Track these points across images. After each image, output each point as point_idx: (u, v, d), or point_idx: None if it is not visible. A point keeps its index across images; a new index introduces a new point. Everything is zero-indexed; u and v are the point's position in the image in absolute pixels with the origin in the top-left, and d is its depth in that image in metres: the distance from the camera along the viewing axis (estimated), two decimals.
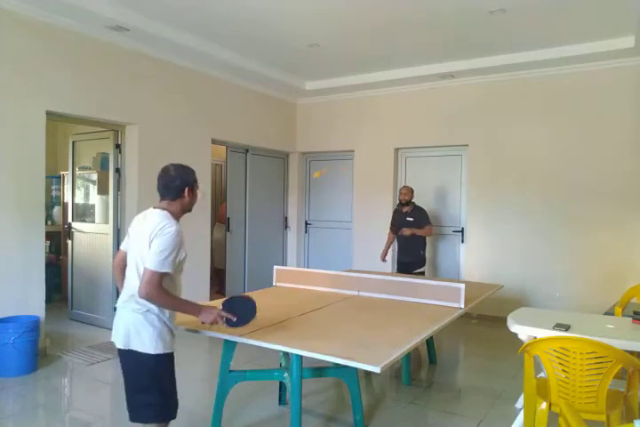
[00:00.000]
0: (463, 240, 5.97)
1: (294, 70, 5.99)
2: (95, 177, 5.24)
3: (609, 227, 5.04)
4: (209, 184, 5.68)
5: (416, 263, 5.25)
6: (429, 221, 5.32)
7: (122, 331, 2.12)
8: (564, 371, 2.26)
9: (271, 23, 4.44)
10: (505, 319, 2.87)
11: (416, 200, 5.39)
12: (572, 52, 4.85)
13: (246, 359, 3.89)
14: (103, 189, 5.08)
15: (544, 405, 2.35)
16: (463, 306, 3.12)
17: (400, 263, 5.42)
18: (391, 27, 4.47)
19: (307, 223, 7.25)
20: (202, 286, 5.53)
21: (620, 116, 5.00)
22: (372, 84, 6.14)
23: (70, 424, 3.08)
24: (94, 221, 5.22)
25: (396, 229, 5.41)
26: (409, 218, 5.27)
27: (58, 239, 6.22)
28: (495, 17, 4.18)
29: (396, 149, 6.38)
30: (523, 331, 2.68)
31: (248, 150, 6.42)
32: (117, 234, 4.92)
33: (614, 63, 4.98)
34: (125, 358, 2.16)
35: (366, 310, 3.11)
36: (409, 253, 5.29)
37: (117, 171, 4.92)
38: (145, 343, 2.08)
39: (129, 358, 2.14)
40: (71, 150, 5.43)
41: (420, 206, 5.38)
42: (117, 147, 4.91)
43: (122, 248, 2.33)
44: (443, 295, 3.22)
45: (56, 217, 6.41)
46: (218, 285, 6.60)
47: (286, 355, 2.92)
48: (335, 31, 4.61)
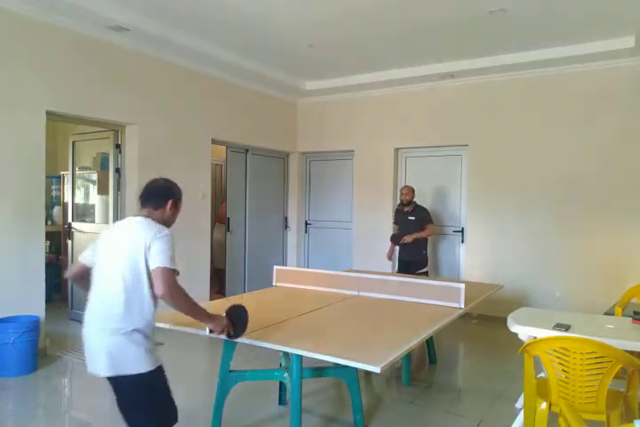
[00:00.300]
0: (463, 240, 5.97)
1: (294, 70, 5.99)
2: (95, 177, 5.24)
3: (609, 227, 5.04)
4: (209, 184, 5.68)
5: (419, 263, 5.25)
6: (431, 220, 5.34)
7: (104, 358, 1.93)
8: (564, 371, 2.26)
9: (271, 23, 4.44)
10: (505, 319, 2.87)
11: (417, 200, 5.40)
12: (572, 52, 4.85)
13: (246, 359, 3.89)
14: (103, 189, 5.08)
15: (544, 405, 2.35)
16: (463, 306, 3.12)
17: (402, 262, 5.41)
18: (391, 27, 4.47)
19: (307, 223, 7.25)
20: (202, 286, 5.52)
21: (620, 117, 5.00)
22: (372, 84, 6.14)
23: (70, 424, 3.08)
24: (94, 221, 5.22)
25: (398, 232, 5.40)
26: (410, 217, 5.28)
27: (58, 239, 6.22)
28: (495, 17, 4.18)
29: (396, 149, 6.38)
30: (523, 331, 2.68)
31: (248, 150, 6.42)
32: None
33: (614, 63, 4.98)
34: (117, 383, 2.02)
35: (366, 310, 3.11)
36: (411, 253, 5.30)
37: (117, 171, 4.92)
38: (136, 364, 1.95)
39: (121, 383, 1.99)
40: (71, 150, 5.43)
41: (422, 206, 5.39)
42: (117, 147, 4.91)
43: (84, 261, 2.12)
44: (443, 295, 3.22)
45: (56, 217, 6.41)
46: (218, 285, 6.60)
47: (286, 355, 2.92)
48: (335, 31, 4.60)
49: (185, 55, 5.06)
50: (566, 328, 2.55)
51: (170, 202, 2.13)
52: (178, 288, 1.95)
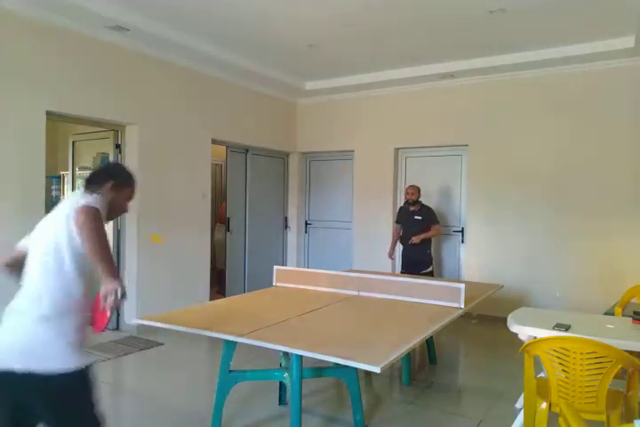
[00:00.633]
0: (463, 240, 5.97)
1: (294, 70, 5.99)
2: None
3: (609, 227, 5.04)
4: (209, 184, 5.68)
5: (423, 263, 5.23)
6: (437, 220, 5.34)
7: (16, 345, 1.60)
8: (564, 371, 2.26)
9: (271, 23, 4.44)
10: (505, 319, 2.87)
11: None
12: (571, 52, 4.85)
13: (246, 359, 3.88)
14: None
15: (544, 405, 2.35)
16: (463, 306, 3.12)
17: (406, 262, 5.37)
18: (391, 27, 4.46)
19: (307, 223, 7.25)
20: (202, 286, 5.53)
21: (620, 117, 5.00)
22: (372, 84, 6.14)
23: None
24: None
25: (403, 231, 5.38)
26: (417, 217, 5.25)
27: None
28: (495, 17, 4.18)
29: (396, 149, 6.38)
30: (523, 331, 2.68)
31: (248, 150, 6.42)
32: (117, 234, 4.92)
33: (614, 63, 4.98)
34: (24, 387, 1.58)
35: (366, 310, 3.11)
36: (416, 253, 5.27)
37: None
38: (57, 358, 1.59)
39: (32, 386, 1.58)
40: (71, 150, 5.43)
41: (428, 205, 5.37)
42: (117, 147, 4.91)
43: (18, 248, 1.86)
44: (443, 295, 3.21)
45: None
46: (218, 285, 6.61)
47: (286, 355, 2.92)
48: (335, 32, 4.60)
49: (185, 55, 5.06)
50: (566, 328, 2.55)
51: (109, 184, 1.86)
52: (98, 222, 1.63)
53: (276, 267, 3.90)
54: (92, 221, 1.61)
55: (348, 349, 2.23)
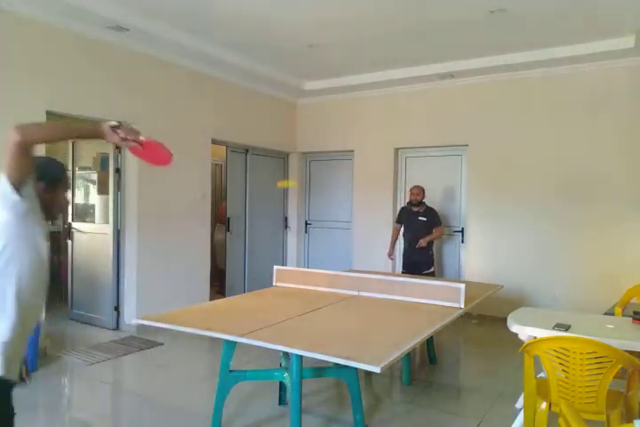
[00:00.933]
0: (463, 240, 5.97)
1: (294, 70, 5.99)
2: (95, 177, 5.24)
3: (609, 227, 5.04)
4: (209, 184, 5.68)
5: (425, 264, 5.20)
6: (440, 221, 5.33)
7: None
8: (564, 371, 2.26)
9: (271, 23, 4.44)
10: (505, 319, 2.87)
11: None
12: (572, 52, 4.85)
13: (246, 359, 3.89)
14: (103, 189, 5.08)
15: (544, 405, 2.35)
16: (463, 306, 3.12)
17: (408, 263, 5.32)
18: (391, 27, 4.46)
19: (307, 223, 7.25)
20: (202, 286, 5.53)
21: (620, 117, 5.00)
22: (372, 84, 6.14)
23: (70, 424, 3.08)
24: (94, 222, 5.22)
25: (406, 232, 5.34)
26: (421, 218, 5.22)
27: (58, 239, 6.21)
28: (495, 17, 4.18)
29: (396, 149, 6.38)
30: (523, 331, 2.68)
31: (248, 150, 6.42)
32: (117, 234, 4.92)
33: (614, 63, 4.98)
34: None
35: (366, 310, 3.11)
36: (418, 254, 5.23)
37: (117, 171, 4.91)
38: None
39: None
40: (71, 150, 5.43)
41: (431, 206, 5.35)
42: (117, 147, 4.91)
43: None
44: (443, 295, 3.21)
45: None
46: (219, 285, 6.61)
47: (286, 355, 2.92)
48: (335, 31, 4.60)
49: (185, 55, 5.06)
50: (566, 328, 2.55)
51: (42, 185, 1.67)
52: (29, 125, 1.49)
53: (275, 267, 3.90)
54: (26, 129, 1.46)
55: (348, 349, 2.23)
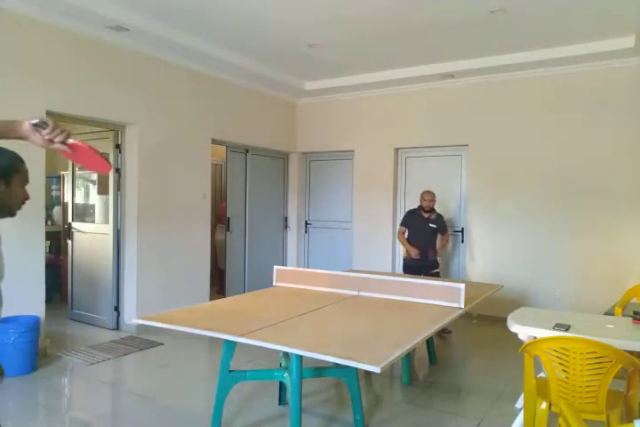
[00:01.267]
0: (463, 240, 5.97)
1: (294, 70, 5.99)
2: (95, 177, 5.24)
3: (609, 227, 5.04)
4: (209, 184, 5.68)
5: (431, 265, 5.11)
6: (447, 228, 5.33)
7: None
8: (564, 371, 2.26)
9: (271, 23, 4.44)
10: (505, 319, 2.87)
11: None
12: (571, 52, 4.85)
13: (246, 359, 3.89)
14: (103, 189, 5.09)
15: (544, 405, 2.35)
16: (463, 306, 3.12)
17: (413, 266, 5.09)
18: (391, 27, 4.46)
19: (307, 223, 7.25)
20: (202, 286, 5.53)
21: (620, 117, 5.00)
22: (372, 85, 6.14)
23: (70, 424, 3.08)
24: (94, 221, 5.22)
25: (413, 237, 5.17)
26: (432, 224, 5.14)
27: (58, 239, 6.22)
28: (495, 17, 4.18)
29: (396, 149, 6.38)
30: (523, 331, 2.68)
31: (248, 150, 6.42)
32: (117, 234, 4.92)
33: (614, 63, 4.98)
34: None
35: (366, 310, 3.11)
36: (426, 257, 5.10)
37: (117, 171, 4.92)
38: None
39: None
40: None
41: (440, 213, 5.29)
42: (117, 147, 4.91)
43: None
44: (443, 295, 3.21)
45: (56, 217, 6.40)
46: (219, 285, 6.61)
47: (286, 355, 2.92)
48: (335, 31, 4.60)
49: (185, 55, 5.06)
50: (566, 328, 2.55)
51: None
52: None
53: (275, 267, 3.90)
54: None
55: (348, 349, 2.23)
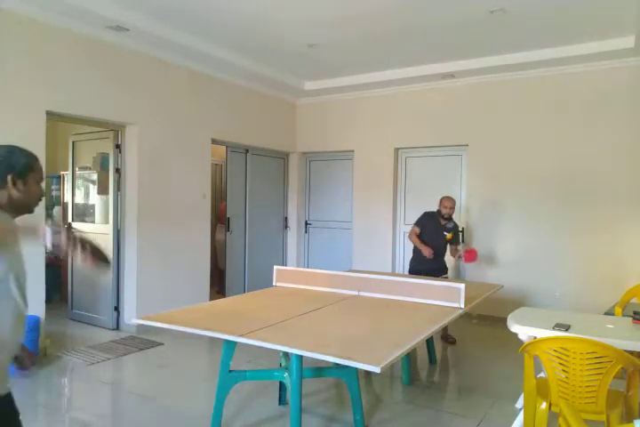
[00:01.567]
0: (463, 240, 5.96)
1: (294, 70, 5.99)
2: (95, 177, 5.24)
3: (609, 227, 5.04)
4: (209, 184, 5.68)
5: (439, 270, 4.85)
6: (460, 241, 5.12)
7: None
8: (563, 371, 2.26)
9: (271, 23, 4.44)
10: (505, 319, 2.87)
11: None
12: (571, 52, 4.85)
13: (246, 359, 3.89)
14: (103, 189, 5.08)
15: (544, 405, 2.35)
16: (463, 306, 3.12)
17: (422, 270, 4.76)
18: (391, 27, 4.46)
19: (307, 223, 7.25)
20: (202, 286, 5.53)
21: (620, 117, 5.00)
22: (372, 85, 6.14)
23: (70, 424, 3.08)
24: (94, 222, 5.22)
25: (423, 237, 4.88)
26: (445, 233, 4.85)
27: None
28: (495, 17, 4.18)
29: (396, 149, 6.38)
30: (523, 331, 2.68)
31: (248, 150, 6.42)
32: (117, 234, 4.92)
33: (614, 63, 4.98)
34: None
35: (366, 310, 3.11)
36: (434, 262, 4.82)
37: (117, 171, 4.92)
38: None
39: None
40: (71, 150, 5.43)
41: (456, 223, 5.00)
42: (117, 147, 4.91)
43: None
44: (443, 295, 3.21)
45: (56, 217, 6.40)
46: (219, 285, 6.61)
47: (286, 355, 2.92)
48: (335, 31, 4.60)
49: (185, 55, 5.06)
50: (566, 328, 2.55)
51: (9, 177, 1.55)
52: None
53: (275, 267, 3.90)
54: None
55: (348, 349, 2.23)
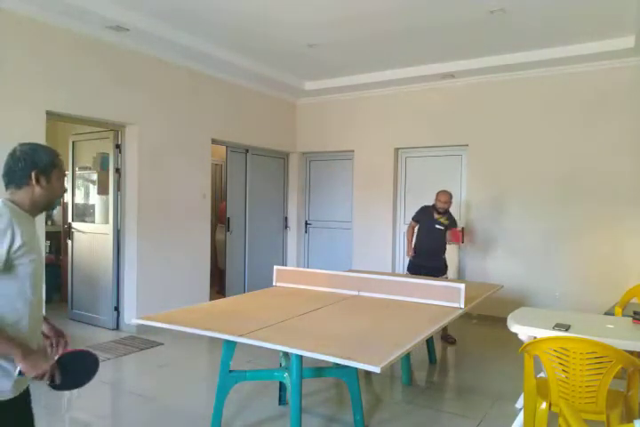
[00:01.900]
0: (463, 240, 5.95)
1: (294, 70, 5.99)
2: (95, 177, 5.24)
3: (609, 227, 5.04)
4: (209, 184, 5.68)
5: (438, 269, 4.80)
6: (456, 223, 4.99)
7: None
8: (563, 371, 2.26)
9: (271, 23, 4.44)
10: (505, 319, 2.87)
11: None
12: (571, 52, 4.85)
13: (246, 359, 3.89)
14: (103, 189, 5.08)
15: (544, 405, 2.35)
16: (463, 306, 3.12)
17: (419, 267, 4.80)
18: (391, 27, 4.46)
19: (307, 223, 7.25)
20: (202, 286, 5.53)
21: (620, 117, 5.00)
22: (372, 85, 6.14)
23: (70, 424, 3.08)
24: (94, 221, 5.22)
25: (420, 230, 4.94)
26: (439, 226, 4.81)
27: (58, 239, 6.22)
28: (495, 17, 4.18)
29: (396, 149, 6.38)
30: (523, 331, 2.68)
31: (248, 150, 6.42)
32: (117, 234, 4.92)
33: (614, 63, 4.98)
34: None
35: (366, 310, 3.11)
36: (431, 259, 4.84)
37: (117, 171, 4.92)
38: None
39: None
40: (71, 150, 5.43)
41: (453, 216, 4.96)
42: (117, 147, 4.91)
43: None
44: (443, 295, 3.21)
45: (56, 217, 6.41)
46: (219, 285, 6.61)
47: (286, 355, 2.92)
48: (335, 31, 4.60)
49: (185, 55, 5.06)
50: (566, 328, 2.55)
51: (33, 174, 1.61)
52: None
53: (275, 267, 3.90)
54: None
55: (348, 349, 2.23)
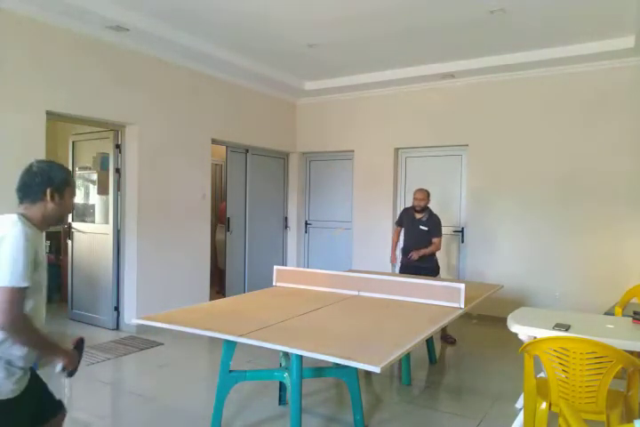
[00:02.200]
0: (463, 240, 5.97)
1: (294, 70, 5.99)
2: (95, 177, 5.24)
3: (609, 227, 5.04)
4: (209, 184, 5.69)
5: (429, 270, 4.73)
6: (441, 231, 4.86)
7: None
8: (564, 371, 2.26)
9: (271, 23, 4.44)
10: (505, 319, 2.87)
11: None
12: (571, 52, 4.85)
13: (246, 359, 3.89)
14: (103, 189, 5.08)
15: (544, 405, 2.35)
16: (463, 306, 3.12)
17: (410, 268, 4.78)
18: (391, 27, 4.46)
19: (307, 223, 7.25)
20: (202, 286, 5.53)
21: (620, 117, 5.00)
22: (372, 84, 6.14)
23: (70, 424, 3.07)
24: (94, 221, 5.22)
25: (406, 238, 4.91)
26: (423, 227, 4.74)
27: (58, 239, 6.21)
28: (495, 17, 4.18)
29: (396, 149, 6.38)
30: (523, 331, 2.68)
31: (248, 150, 6.42)
32: (117, 234, 4.92)
33: (614, 63, 4.98)
34: None
35: (366, 310, 3.11)
36: (421, 259, 4.76)
37: (117, 171, 4.92)
38: None
39: None
40: (71, 150, 5.43)
41: (435, 214, 4.87)
42: (117, 147, 4.91)
43: None
44: (443, 295, 3.21)
45: None
46: (219, 285, 6.61)
47: (286, 355, 2.92)
48: (335, 31, 4.60)
49: (185, 55, 5.06)
50: (566, 328, 2.55)
51: (48, 191, 1.68)
52: (24, 319, 1.53)
53: (275, 267, 3.90)
54: (20, 324, 1.52)
55: (348, 349, 2.23)
